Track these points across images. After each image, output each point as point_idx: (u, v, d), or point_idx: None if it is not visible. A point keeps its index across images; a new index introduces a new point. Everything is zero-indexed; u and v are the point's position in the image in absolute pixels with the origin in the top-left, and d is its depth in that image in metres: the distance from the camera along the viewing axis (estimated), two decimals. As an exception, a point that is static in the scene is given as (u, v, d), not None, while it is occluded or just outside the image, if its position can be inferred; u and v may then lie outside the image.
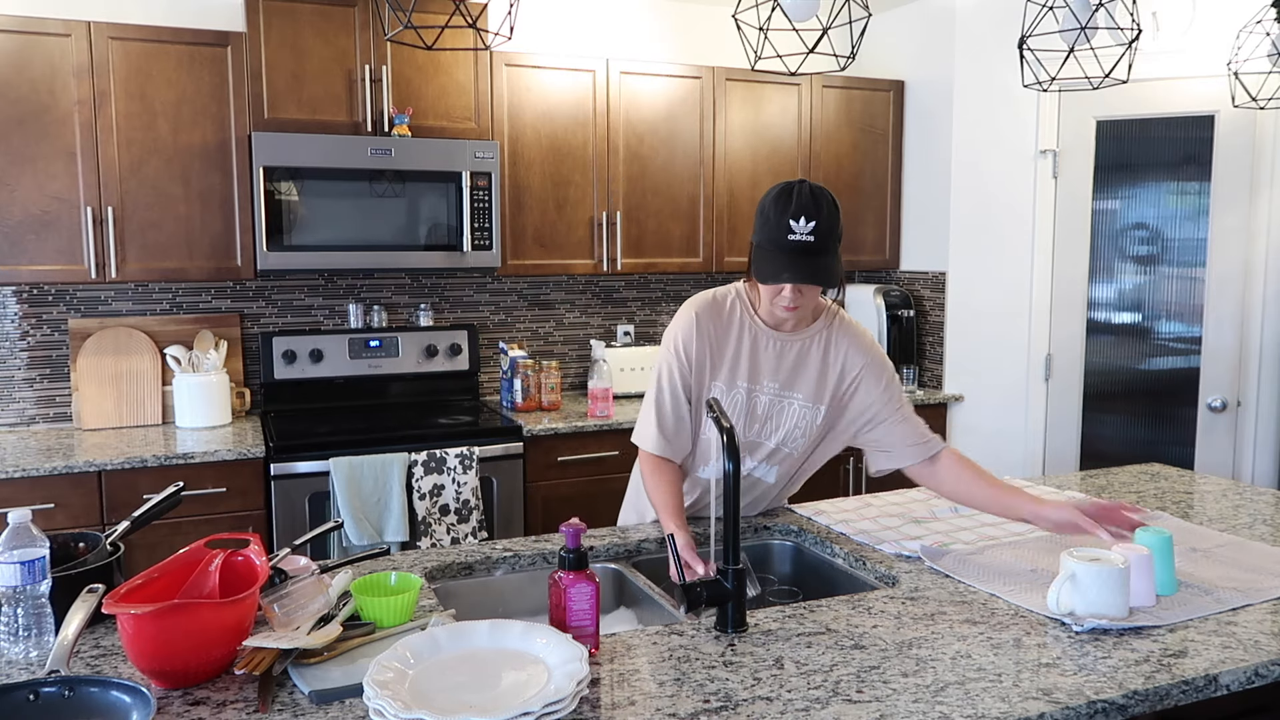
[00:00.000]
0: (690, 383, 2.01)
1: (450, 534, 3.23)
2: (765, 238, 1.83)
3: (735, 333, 2.01)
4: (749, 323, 2.02)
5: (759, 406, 2.03)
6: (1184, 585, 1.73)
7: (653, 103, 3.85)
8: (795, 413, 2.04)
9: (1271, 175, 3.57)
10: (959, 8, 4.01)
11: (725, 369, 2.01)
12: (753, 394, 2.02)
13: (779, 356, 2.02)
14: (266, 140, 3.22)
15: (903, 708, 1.29)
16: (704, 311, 2.02)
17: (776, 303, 1.92)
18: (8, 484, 2.84)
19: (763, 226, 1.84)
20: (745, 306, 2.03)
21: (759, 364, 2.02)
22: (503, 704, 1.22)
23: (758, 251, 1.86)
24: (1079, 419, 3.96)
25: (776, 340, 2.02)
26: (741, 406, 2.02)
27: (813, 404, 2.04)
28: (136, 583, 1.39)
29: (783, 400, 2.03)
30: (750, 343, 2.01)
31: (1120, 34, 2.32)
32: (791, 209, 1.80)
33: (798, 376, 2.03)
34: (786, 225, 1.80)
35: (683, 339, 2.01)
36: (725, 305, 2.03)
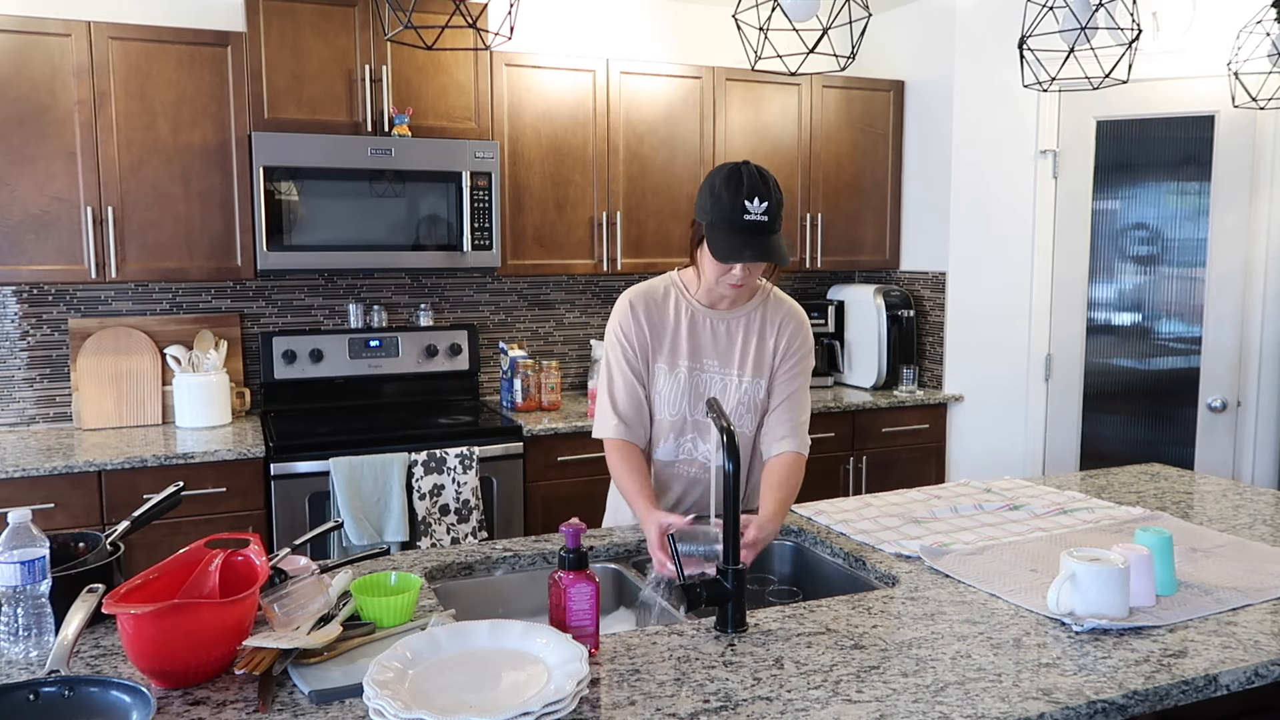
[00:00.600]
0: (638, 366, 2.08)
1: (450, 534, 3.23)
2: (718, 217, 1.87)
3: (672, 315, 2.09)
4: (685, 304, 2.09)
5: (701, 385, 2.08)
6: (1184, 585, 1.73)
7: (653, 103, 3.85)
8: (740, 389, 2.08)
9: (1271, 175, 3.57)
10: (959, 8, 4.01)
11: (666, 350, 2.08)
12: (694, 373, 2.08)
13: (715, 334, 2.09)
14: (266, 140, 3.22)
15: (903, 708, 1.29)
16: (638, 298, 2.10)
17: (724, 281, 1.97)
18: (8, 484, 2.84)
19: (714, 207, 1.88)
20: (680, 290, 2.11)
21: (699, 343, 2.08)
22: (503, 704, 1.22)
23: (711, 231, 1.89)
24: (1079, 419, 3.96)
25: (713, 319, 2.09)
26: (685, 386, 2.08)
27: (753, 378, 2.09)
28: (136, 583, 1.39)
29: (725, 378, 2.09)
30: (689, 323, 2.08)
31: (1120, 34, 2.32)
32: (745, 190, 1.85)
33: (737, 353, 2.09)
34: (741, 205, 1.85)
35: (621, 326, 2.09)
36: (659, 291, 2.11)
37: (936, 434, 4.13)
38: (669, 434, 2.10)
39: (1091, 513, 2.21)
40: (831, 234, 4.24)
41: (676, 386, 2.07)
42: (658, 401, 2.09)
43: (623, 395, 2.08)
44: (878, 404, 3.96)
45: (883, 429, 4.01)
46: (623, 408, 2.07)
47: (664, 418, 2.09)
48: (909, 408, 4.05)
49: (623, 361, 2.08)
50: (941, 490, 2.45)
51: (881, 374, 4.16)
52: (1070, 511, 2.23)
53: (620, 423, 2.07)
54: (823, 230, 4.21)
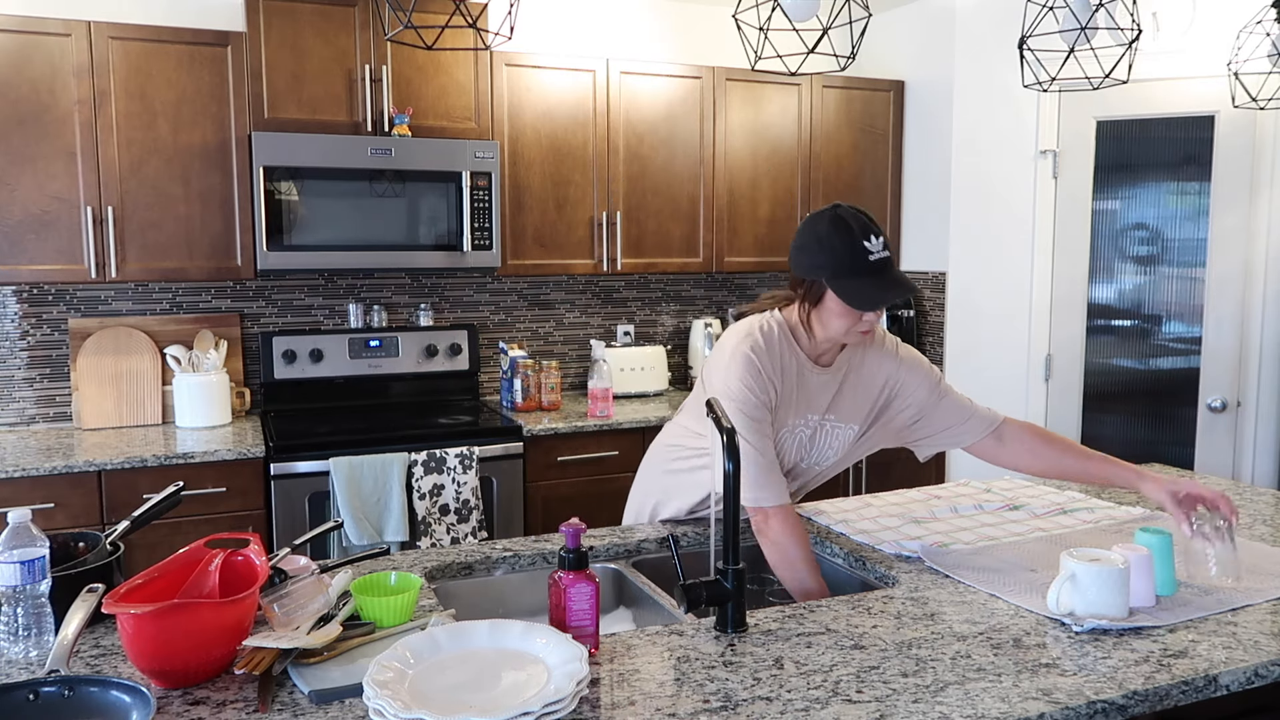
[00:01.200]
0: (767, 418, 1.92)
1: (450, 534, 3.23)
2: (841, 267, 1.79)
3: (788, 369, 1.95)
4: (795, 358, 1.96)
5: (802, 438, 2.02)
6: (1184, 585, 1.73)
7: (653, 103, 3.85)
8: (832, 436, 2.05)
9: (1271, 175, 3.57)
10: (959, 8, 4.01)
11: (780, 408, 1.96)
12: (796, 429, 2.00)
13: (821, 388, 2.00)
14: (266, 140, 3.22)
15: (903, 708, 1.29)
16: (760, 352, 1.91)
17: (855, 330, 1.88)
18: (8, 484, 2.84)
19: (831, 257, 1.80)
20: (789, 341, 1.96)
21: (804, 399, 1.99)
22: (502, 704, 1.22)
23: (840, 284, 1.80)
24: (1079, 419, 3.96)
25: (818, 372, 1.99)
26: (785, 442, 1.99)
27: (845, 424, 2.06)
28: (136, 582, 1.39)
29: (824, 427, 2.04)
30: (796, 378, 1.97)
31: (1120, 34, 2.32)
32: (857, 231, 1.79)
33: (837, 403, 2.03)
34: (862, 247, 1.79)
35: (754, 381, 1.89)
36: (774, 341, 1.94)
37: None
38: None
39: (1091, 513, 2.21)
40: (831, 234, 4.23)
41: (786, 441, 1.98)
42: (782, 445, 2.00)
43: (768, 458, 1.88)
44: (878, 404, 3.96)
45: (883, 429, 4.00)
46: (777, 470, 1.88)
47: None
48: (909, 408, 4.04)
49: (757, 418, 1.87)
50: (941, 490, 2.45)
51: (881, 374, 4.16)
52: (1070, 511, 2.23)
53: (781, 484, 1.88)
54: (823, 230, 4.20)
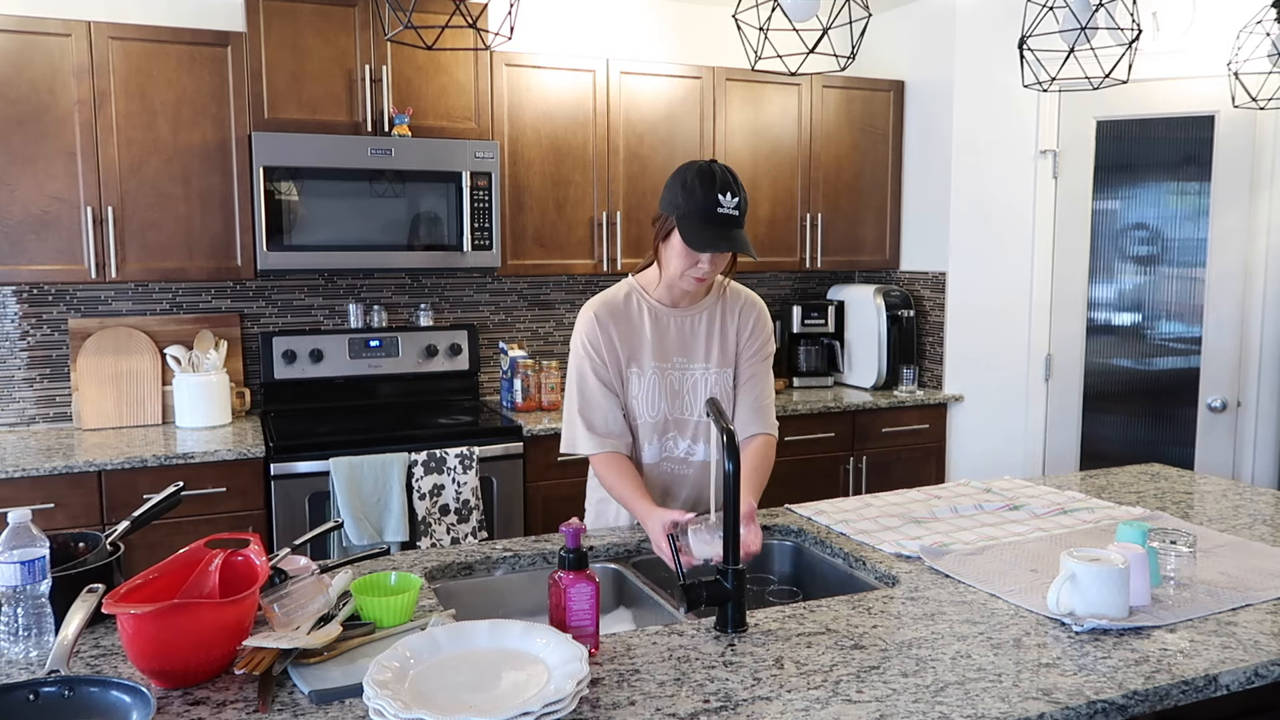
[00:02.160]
0: (608, 377, 2.08)
1: (450, 534, 3.23)
2: (691, 210, 1.91)
3: (635, 318, 2.11)
4: (646, 305, 2.11)
5: (673, 383, 2.11)
6: (1184, 585, 1.73)
7: (653, 103, 3.85)
8: (709, 382, 2.12)
9: (1271, 175, 3.57)
10: (959, 8, 4.01)
11: (635, 354, 2.09)
12: (665, 372, 2.10)
13: (679, 331, 2.11)
14: (266, 140, 3.22)
15: (903, 708, 1.29)
16: (600, 308, 2.10)
17: (689, 274, 1.99)
18: (8, 484, 2.84)
19: (687, 200, 1.91)
20: (640, 293, 2.13)
21: (664, 342, 2.10)
22: (503, 704, 1.22)
23: (684, 222, 1.92)
24: (1079, 419, 3.96)
25: (675, 317, 2.11)
26: (659, 385, 2.10)
27: (720, 368, 2.13)
28: (136, 583, 1.39)
29: (694, 372, 2.12)
30: (652, 322, 2.10)
31: (1120, 34, 2.32)
32: (718, 184, 1.91)
33: (702, 346, 2.12)
34: (715, 199, 1.90)
35: (588, 338, 2.09)
36: (619, 297, 2.13)
37: (936, 434, 4.13)
38: (651, 435, 2.12)
39: (1091, 513, 2.21)
40: (831, 234, 4.24)
41: (652, 387, 2.10)
42: (636, 406, 2.11)
43: (600, 409, 2.08)
44: (878, 404, 3.96)
45: (883, 429, 4.01)
46: (600, 422, 2.07)
47: (645, 420, 2.11)
48: (909, 408, 4.05)
49: (591, 375, 2.08)
50: (941, 490, 2.45)
51: (881, 374, 4.16)
52: (1070, 511, 2.23)
53: (603, 438, 2.07)
54: (823, 230, 4.21)
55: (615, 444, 2.08)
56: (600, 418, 2.08)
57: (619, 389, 2.10)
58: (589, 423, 2.07)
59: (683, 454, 2.14)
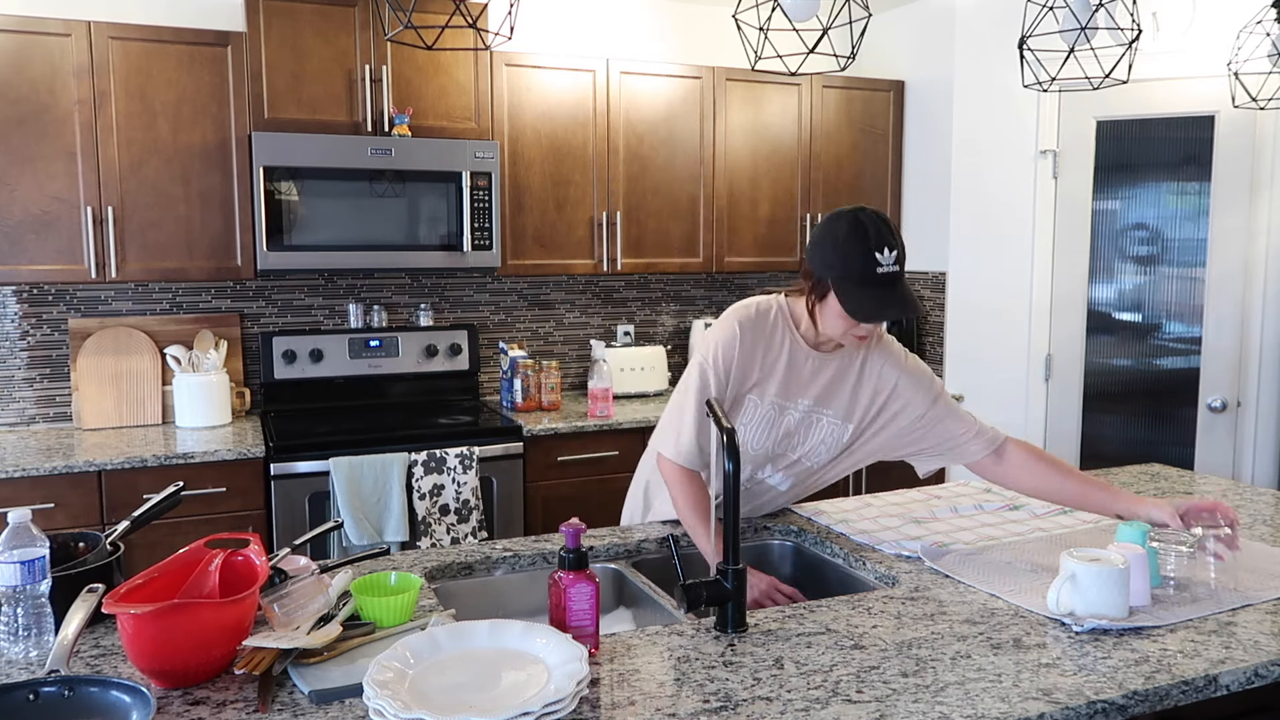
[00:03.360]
0: (725, 396, 1.98)
1: (450, 534, 3.23)
2: (848, 272, 1.79)
3: (775, 348, 1.98)
4: (788, 339, 1.99)
5: (789, 422, 2.02)
6: (1184, 585, 1.73)
7: (653, 103, 3.85)
8: (823, 429, 2.04)
9: (1271, 175, 3.57)
10: (959, 8, 4.01)
11: (760, 384, 1.98)
12: (784, 410, 2.01)
13: (814, 374, 2.00)
14: (266, 140, 3.22)
15: (903, 708, 1.29)
16: (747, 324, 1.97)
17: (852, 333, 1.89)
18: (8, 484, 2.84)
19: (841, 260, 1.80)
20: (787, 322, 2.00)
21: (793, 381, 2.00)
22: (502, 704, 1.22)
23: (841, 287, 1.80)
24: (1079, 419, 3.96)
25: (814, 359, 2.00)
26: (771, 422, 2.01)
27: (842, 421, 2.04)
28: (136, 582, 1.39)
29: (813, 417, 2.03)
30: (787, 359, 1.99)
31: (1120, 34, 2.32)
32: (872, 240, 1.78)
33: (831, 394, 2.02)
34: (873, 259, 1.77)
35: (724, 351, 1.96)
36: (769, 319, 1.99)
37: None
38: (746, 466, 2.02)
39: (1091, 513, 2.21)
40: (831, 234, 4.23)
41: (765, 421, 1.99)
42: (743, 432, 1.99)
43: (701, 423, 1.95)
44: (878, 404, 3.96)
45: (883, 429, 4.00)
46: (700, 436, 1.95)
47: (746, 451, 2.01)
48: (909, 408, 4.04)
49: (710, 388, 1.95)
50: (941, 490, 2.45)
51: (881, 374, 4.16)
52: (1070, 511, 2.23)
53: (691, 450, 1.96)
54: (823, 230, 4.20)
55: (701, 464, 1.98)
56: (701, 434, 1.95)
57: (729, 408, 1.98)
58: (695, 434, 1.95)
59: (764, 477, 2.09)
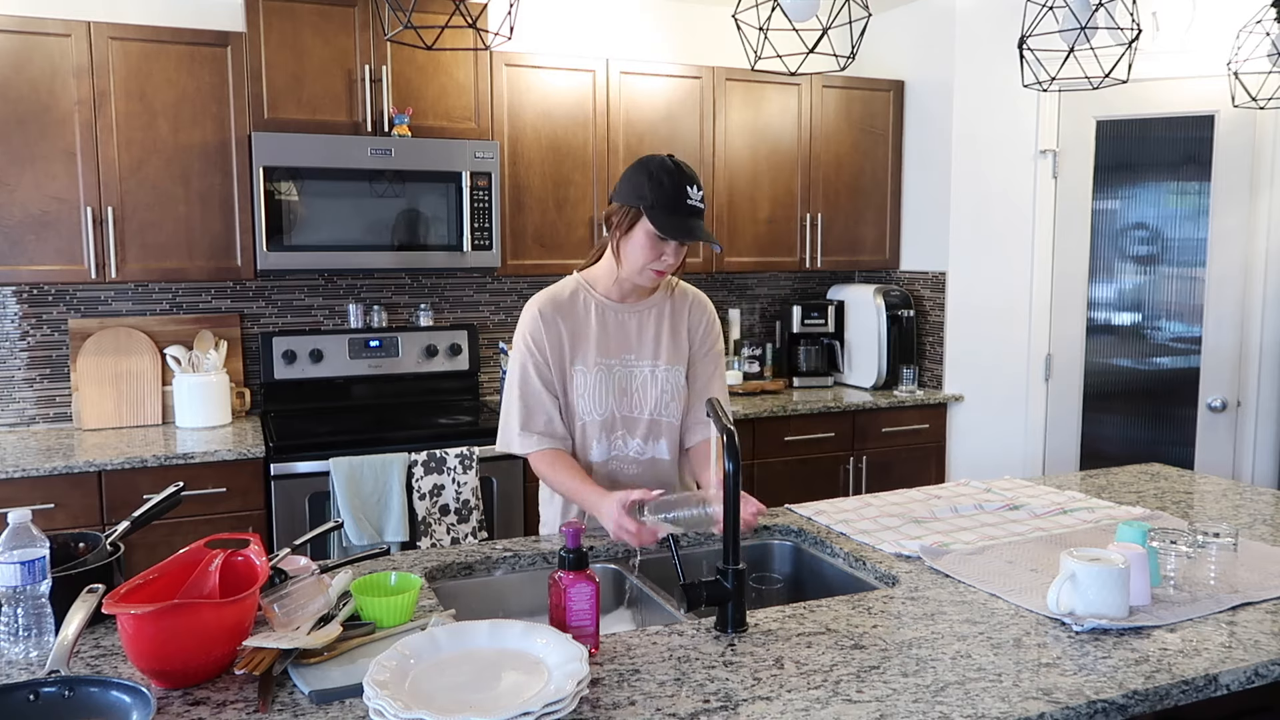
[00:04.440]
0: (549, 376, 2.05)
1: (450, 534, 3.23)
2: (660, 200, 1.92)
3: (580, 314, 2.08)
4: (593, 301, 2.08)
5: (620, 379, 2.08)
6: (1184, 585, 1.73)
7: (653, 103, 3.85)
8: (659, 379, 2.09)
9: (1271, 175, 3.57)
10: (959, 8, 4.01)
11: (580, 351, 2.06)
12: (611, 368, 2.07)
13: (626, 328, 2.09)
14: (266, 140, 3.22)
15: (903, 708, 1.29)
16: (545, 304, 2.07)
17: (652, 267, 1.98)
18: (8, 484, 2.84)
19: (655, 191, 1.91)
20: (586, 289, 2.10)
21: (610, 339, 2.08)
22: (503, 704, 1.22)
23: (654, 212, 1.92)
24: (1079, 419, 3.96)
25: (622, 312, 2.09)
26: (604, 385, 2.07)
27: (670, 365, 2.10)
28: (136, 583, 1.39)
29: (643, 369, 2.09)
30: (598, 319, 2.07)
31: (1120, 34, 2.32)
32: (686, 177, 1.93)
33: (651, 343, 2.10)
34: (684, 191, 1.92)
35: (530, 334, 2.06)
36: (565, 293, 2.09)
37: (936, 434, 4.13)
38: (599, 434, 2.08)
39: (1091, 513, 2.21)
40: (831, 234, 4.24)
41: (598, 385, 2.06)
42: (581, 405, 2.06)
43: (540, 409, 2.04)
44: (878, 404, 3.96)
45: (883, 429, 4.01)
46: (540, 422, 2.04)
47: (591, 419, 2.07)
48: (909, 408, 4.05)
49: (533, 374, 2.04)
50: (941, 490, 2.45)
51: (881, 374, 4.16)
52: (1070, 511, 2.23)
53: (541, 437, 2.04)
54: (823, 230, 4.21)
55: (554, 444, 2.05)
56: (541, 418, 2.05)
57: (560, 389, 2.06)
58: (527, 422, 2.04)
59: (634, 453, 2.10)
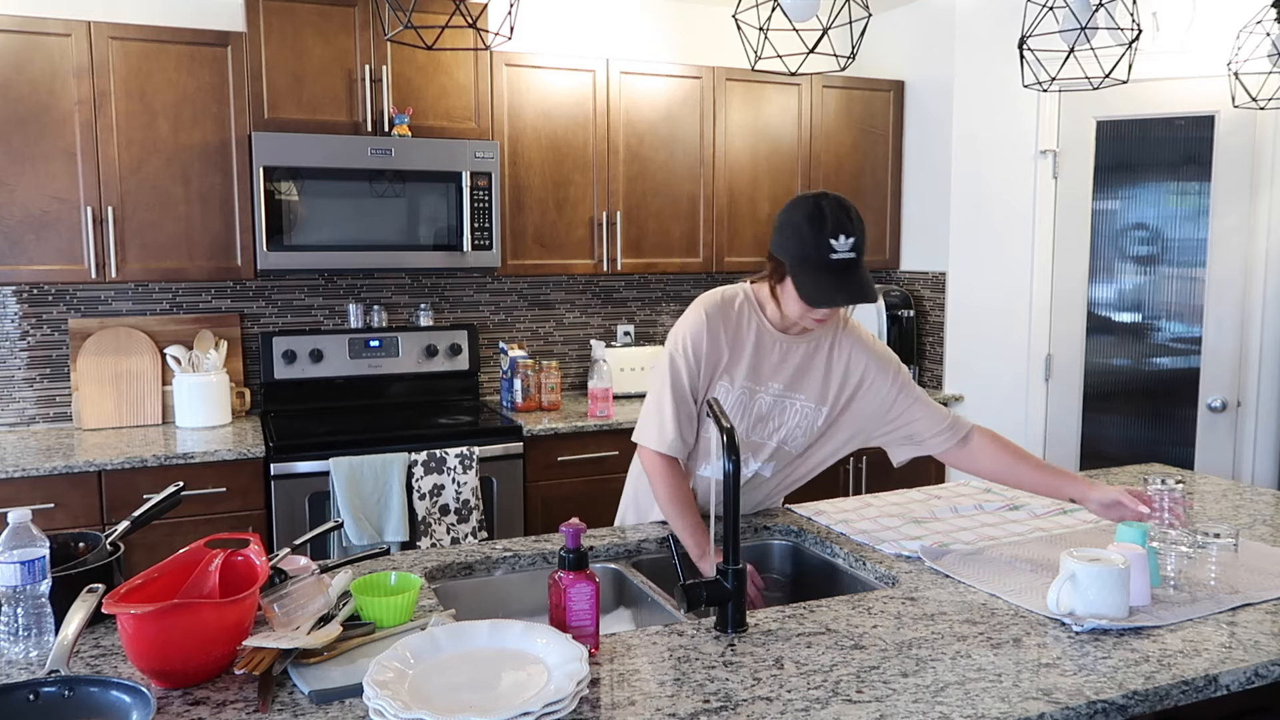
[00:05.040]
0: (698, 383, 2.00)
1: (450, 534, 3.23)
2: (803, 256, 1.82)
3: (743, 334, 2.01)
4: (756, 324, 2.02)
5: (761, 407, 2.04)
6: (1184, 585, 1.73)
7: (653, 103, 3.85)
8: (797, 413, 2.05)
9: (1271, 175, 3.57)
10: (959, 8, 4.01)
11: (730, 369, 2.01)
12: (755, 394, 2.03)
13: (783, 359, 2.03)
14: (266, 140, 3.22)
15: (903, 708, 1.29)
16: (714, 311, 2.00)
17: (809, 316, 1.91)
18: (8, 484, 2.84)
19: (798, 245, 1.82)
20: (754, 307, 2.03)
21: (763, 365, 2.02)
22: (502, 704, 1.22)
23: (797, 271, 1.83)
24: (1079, 419, 3.96)
25: (782, 343, 2.03)
26: (743, 406, 2.03)
27: (815, 405, 2.06)
28: (136, 583, 1.39)
29: (785, 401, 2.05)
30: (754, 343, 2.02)
31: (1120, 34, 2.32)
32: (829, 227, 1.79)
33: (802, 378, 2.04)
34: (827, 244, 1.79)
35: (692, 338, 1.99)
36: (734, 305, 2.02)
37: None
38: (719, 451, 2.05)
39: (1091, 513, 2.21)
40: (831, 234, 4.23)
41: (738, 407, 2.01)
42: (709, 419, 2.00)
43: (685, 415, 1.99)
44: (878, 404, 3.96)
45: (883, 429, 4.00)
46: (676, 423, 1.97)
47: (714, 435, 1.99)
48: (909, 408, 4.04)
49: (683, 375, 1.98)
50: (941, 490, 2.45)
51: (881, 374, 4.16)
52: (1070, 511, 2.23)
53: (670, 436, 1.97)
54: (823, 230, 4.20)
55: (681, 451, 1.99)
56: (685, 422, 1.99)
57: (702, 396, 2.01)
58: (667, 420, 1.97)
59: (748, 473, 2.08)
